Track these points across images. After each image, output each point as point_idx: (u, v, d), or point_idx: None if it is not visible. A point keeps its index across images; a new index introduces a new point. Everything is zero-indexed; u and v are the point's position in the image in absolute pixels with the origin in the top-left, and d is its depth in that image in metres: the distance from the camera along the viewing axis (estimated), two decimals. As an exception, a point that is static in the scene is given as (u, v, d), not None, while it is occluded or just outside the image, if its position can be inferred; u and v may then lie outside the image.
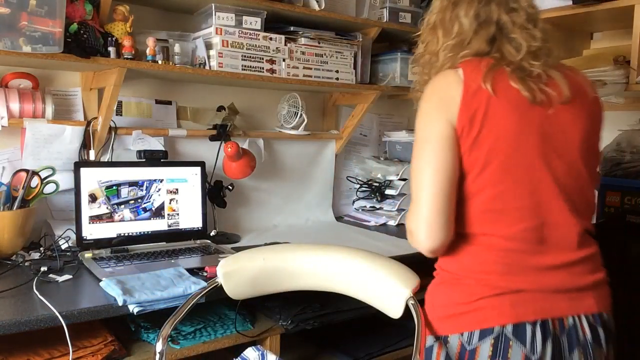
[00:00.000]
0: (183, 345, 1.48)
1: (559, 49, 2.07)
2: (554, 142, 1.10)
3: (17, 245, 1.64)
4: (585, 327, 1.08)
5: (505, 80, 1.09)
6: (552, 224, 1.09)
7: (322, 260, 1.36)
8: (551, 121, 1.10)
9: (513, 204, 1.08)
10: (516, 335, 1.05)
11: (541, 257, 1.08)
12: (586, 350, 1.08)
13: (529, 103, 1.08)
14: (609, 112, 2.18)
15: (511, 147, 1.07)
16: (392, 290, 1.25)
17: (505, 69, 1.10)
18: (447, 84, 1.11)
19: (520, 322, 1.05)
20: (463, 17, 1.15)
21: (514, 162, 1.08)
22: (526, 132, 1.08)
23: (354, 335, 1.91)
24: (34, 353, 1.33)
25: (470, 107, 1.07)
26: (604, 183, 1.85)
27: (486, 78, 1.07)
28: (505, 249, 1.09)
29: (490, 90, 1.07)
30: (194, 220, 1.96)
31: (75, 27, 1.66)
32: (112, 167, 1.84)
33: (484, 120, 1.07)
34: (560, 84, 1.11)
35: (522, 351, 1.04)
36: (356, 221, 2.52)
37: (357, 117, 2.48)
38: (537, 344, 1.04)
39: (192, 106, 2.19)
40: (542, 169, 1.09)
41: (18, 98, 1.72)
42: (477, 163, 1.08)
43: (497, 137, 1.07)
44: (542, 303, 1.07)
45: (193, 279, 1.46)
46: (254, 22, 2.01)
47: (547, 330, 1.05)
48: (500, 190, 1.08)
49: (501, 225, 1.09)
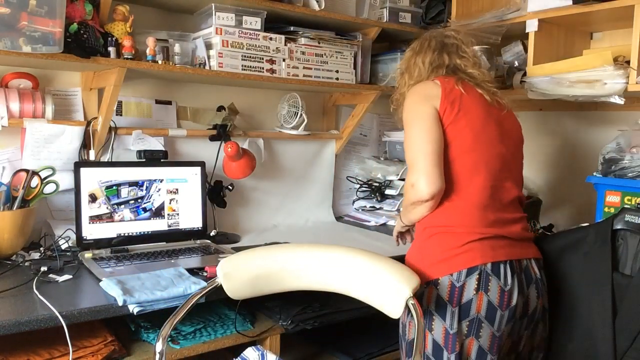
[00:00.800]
0: (183, 345, 1.49)
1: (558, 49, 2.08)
2: (504, 131, 1.49)
3: (17, 245, 1.64)
4: (534, 268, 1.44)
5: (471, 87, 1.49)
6: (505, 188, 1.45)
7: (322, 260, 1.37)
8: (502, 118, 1.50)
9: (482, 168, 1.41)
10: (494, 271, 1.35)
11: (503, 212, 1.43)
12: (537, 285, 1.43)
13: (489, 104, 1.48)
14: (609, 112, 2.20)
15: (480, 125, 1.44)
16: (392, 290, 1.25)
17: (469, 82, 1.50)
18: (427, 87, 1.48)
19: (496, 261, 1.36)
20: (420, 63, 1.56)
21: (482, 137, 1.43)
22: (489, 120, 1.46)
23: (354, 335, 1.91)
24: (34, 353, 1.33)
25: (449, 97, 1.43)
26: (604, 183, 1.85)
27: (457, 84, 1.47)
28: (481, 204, 1.40)
29: (461, 89, 1.45)
30: (194, 220, 1.96)
31: (75, 27, 1.66)
32: (112, 167, 1.84)
33: (460, 105, 1.43)
34: (503, 101, 1.54)
35: (498, 283, 1.35)
36: (356, 221, 2.52)
37: (357, 117, 2.48)
38: (508, 278, 1.36)
39: (192, 106, 2.19)
40: (499, 147, 1.45)
41: (18, 98, 1.72)
42: (457, 134, 1.42)
43: (470, 118, 1.43)
44: (509, 248, 1.39)
45: (193, 279, 1.46)
46: (254, 22, 2.01)
47: (513, 268, 1.38)
48: (474, 157, 1.42)
49: (476, 185, 1.41)
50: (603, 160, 1.88)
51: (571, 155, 2.36)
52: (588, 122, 2.31)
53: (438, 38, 1.59)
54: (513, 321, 1.37)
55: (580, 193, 2.27)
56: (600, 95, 1.81)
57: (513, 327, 1.38)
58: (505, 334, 1.36)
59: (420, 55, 1.57)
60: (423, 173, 1.36)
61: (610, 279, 1.45)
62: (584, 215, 2.16)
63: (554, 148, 2.40)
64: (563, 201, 2.34)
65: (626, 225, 1.49)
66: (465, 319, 1.34)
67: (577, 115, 2.33)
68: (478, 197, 1.40)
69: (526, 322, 1.42)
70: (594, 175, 1.89)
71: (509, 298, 1.35)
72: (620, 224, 1.50)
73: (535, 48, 2.01)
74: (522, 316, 1.40)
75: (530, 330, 1.45)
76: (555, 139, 2.41)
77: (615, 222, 1.51)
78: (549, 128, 2.42)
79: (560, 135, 2.40)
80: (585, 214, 2.17)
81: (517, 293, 1.36)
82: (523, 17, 2.03)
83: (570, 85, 1.87)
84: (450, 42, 1.57)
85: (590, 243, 1.52)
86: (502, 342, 1.36)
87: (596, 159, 1.94)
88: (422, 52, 1.58)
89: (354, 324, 1.84)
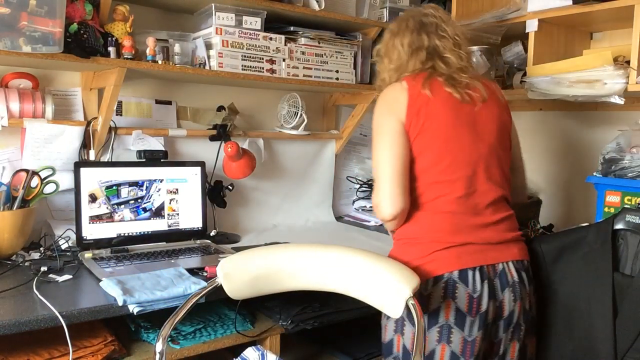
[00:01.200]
0: (183, 345, 1.49)
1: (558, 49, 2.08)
2: (479, 130, 1.43)
3: (17, 245, 1.64)
4: (512, 271, 1.40)
5: (440, 86, 1.42)
6: (480, 192, 1.41)
7: (322, 260, 1.36)
8: (476, 115, 1.43)
9: (452, 176, 1.39)
10: (461, 279, 1.34)
11: (476, 217, 1.40)
12: (514, 289, 1.39)
13: (460, 102, 1.42)
14: (609, 112, 2.20)
15: (448, 133, 1.40)
16: (392, 290, 1.25)
17: (439, 79, 1.43)
18: (394, 92, 1.44)
19: (464, 268, 1.35)
20: (399, 46, 1.50)
21: (451, 146, 1.40)
22: (458, 124, 1.41)
23: (354, 335, 1.91)
24: (34, 353, 1.33)
25: (414, 106, 1.39)
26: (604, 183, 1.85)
27: (424, 85, 1.41)
28: (450, 212, 1.39)
29: (428, 93, 1.40)
30: (194, 220, 1.96)
31: (75, 27, 1.66)
32: (112, 167, 1.84)
33: (426, 114, 1.39)
34: (479, 89, 1.46)
35: (466, 290, 1.34)
36: (356, 221, 2.52)
37: (357, 117, 2.48)
38: (477, 285, 1.34)
39: (192, 106, 2.19)
40: (471, 151, 1.41)
41: (18, 98, 1.72)
42: (424, 146, 1.40)
43: (438, 126, 1.39)
44: (479, 254, 1.37)
45: (193, 279, 1.46)
46: (254, 22, 2.01)
47: (484, 274, 1.36)
48: (442, 166, 1.39)
49: (445, 194, 1.39)
50: (603, 160, 1.88)
51: (571, 155, 2.36)
52: (588, 122, 2.31)
53: (416, 18, 1.51)
54: (485, 326, 1.35)
55: (580, 193, 2.27)
56: (600, 95, 1.81)
57: (486, 331, 1.37)
58: (479, 339, 1.35)
59: (399, 37, 1.51)
60: (385, 194, 1.37)
61: (611, 279, 1.45)
62: (584, 215, 2.16)
63: (554, 148, 2.40)
64: (563, 201, 2.34)
65: (627, 225, 1.49)
66: (434, 325, 1.35)
67: (577, 115, 2.33)
68: (447, 207, 1.39)
69: (503, 325, 1.40)
70: (594, 175, 1.89)
71: (478, 304, 1.34)
72: (620, 223, 1.50)
73: (535, 48, 2.01)
74: (497, 319, 1.38)
75: (510, 333, 1.41)
76: (555, 139, 2.41)
77: (615, 222, 1.51)
78: (549, 128, 2.42)
79: (560, 135, 2.40)
80: (585, 214, 2.17)
81: (488, 299, 1.34)
82: (523, 17, 2.03)
83: (570, 85, 1.87)
84: (429, 21, 1.50)
85: (591, 243, 1.52)
86: (476, 346, 1.34)
87: (596, 159, 1.94)
88: (401, 33, 1.51)
89: (354, 324, 1.84)
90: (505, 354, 1.42)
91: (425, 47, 1.48)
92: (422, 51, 1.48)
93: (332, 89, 2.38)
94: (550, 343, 1.56)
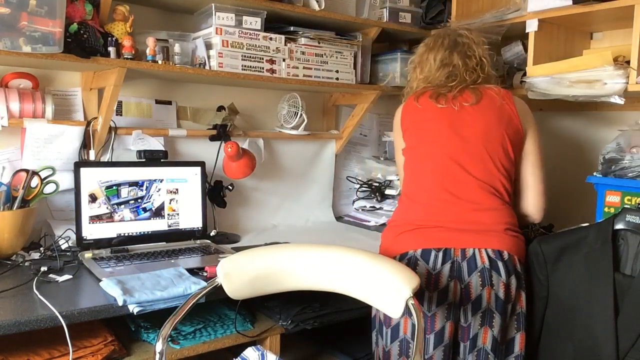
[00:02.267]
0: (183, 345, 1.49)
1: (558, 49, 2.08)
2: (461, 130, 1.56)
3: (17, 245, 1.64)
4: (484, 257, 1.47)
5: (424, 98, 1.64)
6: (459, 185, 1.53)
7: (323, 261, 1.36)
8: (457, 116, 1.57)
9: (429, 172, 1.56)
10: (422, 257, 1.49)
11: (454, 205, 1.52)
12: (482, 274, 1.46)
13: (439, 108, 1.60)
14: (609, 112, 2.20)
15: (429, 138, 1.59)
16: (392, 290, 1.25)
17: (427, 92, 1.64)
18: (399, 112, 1.71)
19: (427, 248, 1.49)
20: (432, 60, 1.68)
21: (430, 149, 1.58)
22: (440, 125, 1.57)
23: (354, 335, 1.91)
24: (34, 353, 1.33)
25: (405, 116, 1.67)
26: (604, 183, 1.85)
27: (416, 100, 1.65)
28: (424, 200, 1.56)
29: (416, 105, 1.64)
30: (194, 220, 1.96)
31: (75, 27, 1.66)
32: (112, 167, 1.84)
33: (413, 122, 1.64)
34: (470, 94, 1.60)
35: (426, 267, 1.48)
36: (356, 221, 2.52)
37: (357, 117, 2.48)
38: (438, 263, 1.47)
39: (192, 106, 2.19)
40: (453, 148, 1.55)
41: (18, 98, 1.72)
42: (409, 152, 1.64)
43: (422, 132, 1.61)
44: (447, 237, 1.49)
45: (193, 279, 1.46)
46: (254, 22, 2.01)
47: (448, 255, 1.48)
48: (420, 164, 1.60)
49: (422, 184, 1.58)
50: (603, 160, 1.88)
51: (571, 155, 2.36)
52: (588, 122, 2.31)
53: (452, 37, 1.69)
54: (447, 305, 1.46)
55: (580, 193, 2.27)
56: (600, 95, 1.81)
57: (450, 311, 1.46)
58: (439, 316, 1.45)
59: (433, 52, 1.69)
60: None
61: (612, 279, 1.45)
62: (584, 215, 2.15)
63: (554, 148, 2.40)
64: (563, 201, 2.34)
65: (627, 225, 1.49)
66: None
67: (577, 115, 2.33)
68: (423, 195, 1.56)
69: (471, 309, 1.46)
70: (594, 175, 1.88)
71: (436, 281, 1.46)
72: (621, 224, 1.50)
73: (535, 48, 2.01)
74: (463, 302, 1.47)
75: (480, 319, 1.46)
76: (555, 138, 2.41)
77: (616, 222, 1.51)
78: (549, 128, 2.42)
79: (560, 135, 2.40)
80: (585, 214, 2.17)
81: (449, 278, 1.46)
82: (523, 17, 2.03)
83: (570, 85, 1.87)
84: (462, 42, 1.67)
85: (591, 243, 1.52)
86: (436, 322, 1.46)
87: (596, 159, 1.93)
88: (435, 49, 1.69)
89: (354, 324, 1.84)
90: (476, 339, 1.47)
91: (452, 65, 1.65)
92: (449, 67, 1.66)
93: (332, 89, 2.38)
94: (551, 343, 1.56)
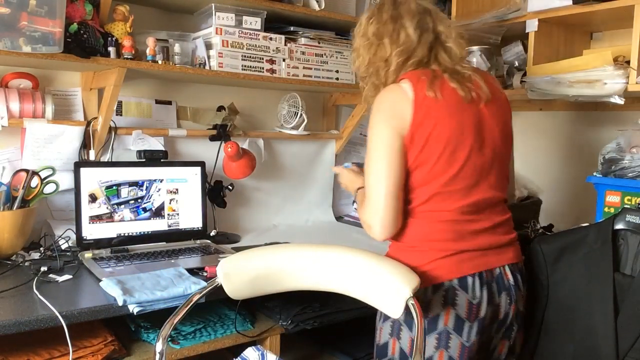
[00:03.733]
0: (183, 345, 1.49)
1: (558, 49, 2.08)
2: (483, 133, 1.35)
3: (17, 245, 1.64)
4: (508, 274, 1.39)
5: (446, 84, 1.32)
6: (480, 199, 1.35)
7: (322, 260, 1.36)
8: (481, 116, 1.35)
9: (454, 187, 1.33)
10: (461, 286, 1.32)
11: (474, 224, 1.35)
12: (510, 292, 1.38)
13: (464, 103, 1.32)
14: (608, 112, 2.20)
15: (453, 143, 1.31)
16: (392, 290, 1.25)
17: (444, 76, 1.33)
18: (395, 97, 1.32)
19: (463, 275, 1.32)
20: (409, 27, 1.34)
21: (457, 155, 1.31)
22: (466, 130, 1.32)
23: (354, 335, 1.91)
24: (34, 353, 1.33)
25: (418, 116, 1.28)
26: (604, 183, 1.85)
27: (430, 87, 1.30)
28: (451, 221, 1.33)
29: (434, 96, 1.29)
30: (194, 220, 1.96)
31: (75, 27, 1.66)
32: (112, 167, 1.84)
33: (431, 125, 1.29)
34: (482, 86, 1.36)
35: (466, 297, 1.32)
36: (356, 221, 2.51)
37: (357, 117, 2.48)
38: (477, 291, 1.32)
39: (192, 106, 2.19)
40: (476, 159, 1.34)
41: (18, 98, 1.72)
42: (429, 158, 1.31)
43: (442, 136, 1.29)
44: (478, 260, 1.34)
45: (193, 279, 1.46)
46: (254, 22, 2.01)
47: (483, 279, 1.33)
48: (445, 178, 1.32)
49: (448, 203, 1.33)
50: (603, 160, 1.88)
51: (571, 155, 2.36)
52: (588, 122, 2.31)
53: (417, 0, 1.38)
54: (482, 329, 1.34)
55: (580, 193, 2.27)
56: (600, 95, 1.81)
57: (483, 334, 1.36)
58: (476, 343, 1.34)
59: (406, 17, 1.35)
60: (377, 218, 1.30)
61: (612, 279, 1.45)
62: (584, 215, 2.15)
63: (554, 148, 2.40)
64: (563, 201, 2.34)
65: (627, 225, 1.49)
66: (433, 332, 1.32)
67: (577, 115, 2.33)
68: (447, 216, 1.33)
69: (496, 326, 1.39)
70: (594, 175, 1.89)
71: (477, 310, 1.32)
72: (621, 224, 1.50)
73: (535, 48, 2.01)
74: (492, 322, 1.38)
75: (502, 334, 1.42)
76: (555, 139, 2.41)
77: (616, 222, 1.51)
78: (549, 128, 2.42)
79: (560, 135, 2.40)
80: (585, 214, 2.17)
81: (487, 304, 1.33)
82: (523, 17, 2.03)
83: (570, 85, 1.87)
84: (431, 8, 1.39)
85: (591, 243, 1.52)
86: (473, 350, 1.34)
87: (596, 159, 1.93)
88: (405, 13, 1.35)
89: (354, 324, 1.84)
90: (493, 351, 1.43)
91: (432, 31, 1.35)
92: (431, 34, 1.35)
93: (332, 89, 2.38)
94: (551, 343, 1.56)
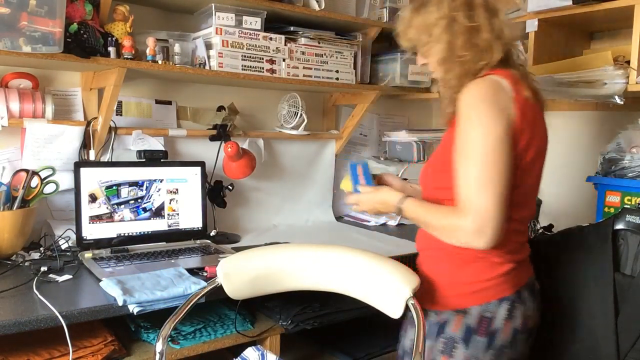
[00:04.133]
0: (183, 345, 1.49)
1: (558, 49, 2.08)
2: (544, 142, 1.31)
3: (17, 245, 1.64)
4: (535, 282, 1.39)
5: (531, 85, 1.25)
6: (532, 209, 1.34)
7: (322, 261, 1.36)
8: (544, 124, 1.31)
9: (527, 197, 1.28)
10: (520, 298, 1.30)
11: (524, 235, 1.35)
12: (537, 297, 1.38)
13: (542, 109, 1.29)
14: (608, 112, 2.20)
15: (543, 154, 1.28)
16: (392, 290, 1.25)
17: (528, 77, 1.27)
18: (497, 92, 1.18)
19: (520, 287, 1.31)
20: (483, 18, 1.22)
21: (537, 164, 1.28)
22: (546, 139, 1.30)
23: (354, 335, 1.91)
24: (34, 353, 1.33)
25: (521, 115, 1.18)
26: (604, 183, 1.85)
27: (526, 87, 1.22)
28: (515, 231, 1.28)
29: (531, 98, 1.22)
30: (194, 220, 1.96)
31: (75, 27, 1.66)
32: (112, 167, 1.84)
33: (531, 128, 1.21)
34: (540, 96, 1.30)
35: (523, 309, 1.30)
36: (356, 221, 2.52)
37: (357, 117, 2.48)
38: (529, 302, 1.32)
39: (192, 106, 2.19)
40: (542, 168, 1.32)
41: (18, 98, 1.71)
42: (530, 162, 1.23)
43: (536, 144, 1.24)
44: (525, 268, 1.36)
45: (193, 279, 1.46)
46: (254, 22, 2.01)
47: (530, 289, 1.34)
48: (527, 186, 1.26)
49: (518, 212, 1.26)
50: (603, 160, 1.89)
51: (571, 155, 2.36)
52: (588, 122, 2.31)
53: None
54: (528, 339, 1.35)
55: (580, 193, 2.27)
56: (600, 95, 1.81)
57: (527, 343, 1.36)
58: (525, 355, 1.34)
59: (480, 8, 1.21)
60: (492, 227, 1.15)
61: (612, 279, 1.45)
62: (584, 215, 2.16)
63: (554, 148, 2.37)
64: (563, 201, 2.34)
65: (627, 225, 1.49)
66: (491, 348, 1.28)
67: (577, 115, 2.33)
68: (515, 226, 1.27)
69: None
70: (594, 176, 1.89)
71: (530, 321, 1.33)
72: (621, 224, 1.50)
73: (535, 48, 2.01)
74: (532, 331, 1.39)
75: None
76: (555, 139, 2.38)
77: (616, 222, 1.51)
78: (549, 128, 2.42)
79: (560, 135, 2.40)
80: (585, 214, 2.17)
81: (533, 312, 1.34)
82: (523, 17, 2.03)
83: (570, 85, 1.87)
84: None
85: (591, 243, 1.52)
86: None
87: (596, 159, 1.94)
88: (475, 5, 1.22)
89: (354, 324, 1.84)
90: None
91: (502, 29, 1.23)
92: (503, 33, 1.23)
93: (332, 89, 2.38)
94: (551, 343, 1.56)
